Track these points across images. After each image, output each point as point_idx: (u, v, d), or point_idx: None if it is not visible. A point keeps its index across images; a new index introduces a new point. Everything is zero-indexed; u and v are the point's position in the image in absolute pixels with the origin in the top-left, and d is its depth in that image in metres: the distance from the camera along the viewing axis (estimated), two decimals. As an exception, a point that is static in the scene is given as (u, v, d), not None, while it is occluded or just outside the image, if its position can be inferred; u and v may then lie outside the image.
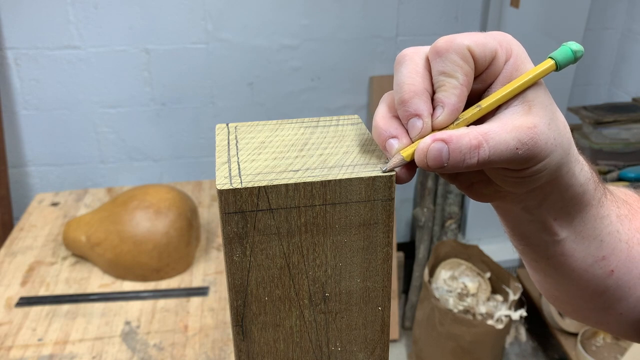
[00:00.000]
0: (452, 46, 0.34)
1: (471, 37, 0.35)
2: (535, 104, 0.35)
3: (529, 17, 1.85)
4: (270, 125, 0.41)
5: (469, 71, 0.35)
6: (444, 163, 0.34)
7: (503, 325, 1.74)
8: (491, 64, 0.35)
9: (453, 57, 0.34)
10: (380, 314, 0.38)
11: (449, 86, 0.34)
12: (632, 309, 0.48)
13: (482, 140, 0.33)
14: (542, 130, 0.34)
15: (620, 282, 0.46)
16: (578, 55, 0.37)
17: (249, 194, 0.33)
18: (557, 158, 0.36)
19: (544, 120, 0.35)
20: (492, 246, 2.11)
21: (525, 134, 0.34)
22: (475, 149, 0.33)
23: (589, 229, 0.43)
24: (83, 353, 1.06)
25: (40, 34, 1.77)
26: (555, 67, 0.37)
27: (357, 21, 1.92)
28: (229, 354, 1.07)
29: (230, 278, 0.35)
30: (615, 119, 1.75)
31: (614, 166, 1.75)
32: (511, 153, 0.34)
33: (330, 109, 2.04)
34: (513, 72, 0.36)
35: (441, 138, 0.33)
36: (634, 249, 0.46)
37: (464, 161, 0.33)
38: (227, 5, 1.82)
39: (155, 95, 1.91)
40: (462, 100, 0.35)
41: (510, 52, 0.36)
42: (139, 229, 1.22)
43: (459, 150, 0.33)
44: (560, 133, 0.36)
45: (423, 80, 0.35)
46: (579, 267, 0.45)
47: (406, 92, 0.35)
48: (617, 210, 0.46)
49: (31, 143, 1.92)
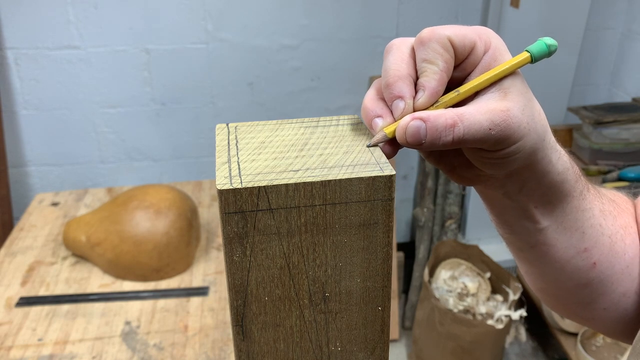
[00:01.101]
0: (434, 36, 0.37)
1: (452, 29, 0.37)
2: (511, 91, 0.38)
3: (529, 17, 1.85)
4: (270, 125, 0.41)
5: (448, 59, 0.37)
6: (421, 140, 0.36)
7: (503, 325, 1.74)
8: (470, 54, 0.38)
9: (434, 46, 0.37)
10: (380, 314, 0.38)
11: (430, 72, 0.37)
12: (615, 304, 0.50)
13: (457, 120, 0.36)
14: (515, 114, 0.37)
15: (602, 276, 0.48)
16: (552, 49, 0.39)
17: (249, 194, 0.33)
18: (530, 142, 0.38)
19: (517, 105, 0.37)
20: (492, 246, 2.11)
21: (498, 116, 0.36)
22: (450, 128, 0.36)
23: (570, 220, 0.45)
24: (83, 353, 1.06)
25: (40, 34, 1.77)
26: (530, 59, 0.39)
27: (357, 21, 1.92)
28: (229, 354, 1.07)
29: (230, 278, 0.35)
30: (615, 119, 1.75)
31: (614, 166, 1.75)
32: (484, 133, 0.36)
33: (330, 109, 2.04)
34: (491, 62, 0.38)
35: (419, 117, 0.36)
36: (617, 244, 0.48)
37: (440, 138, 0.36)
38: (227, 5, 1.82)
39: (155, 95, 1.91)
40: (441, 84, 0.38)
41: (489, 44, 0.39)
42: (139, 229, 1.22)
43: (435, 128, 0.36)
44: (535, 119, 0.38)
45: (407, 67, 0.38)
46: (561, 257, 0.46)
47: (391, 77, 0.38)
48: (600, 206, 0.47)
49: (31, 143, 1.92)
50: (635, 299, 0.50)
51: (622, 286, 0.49)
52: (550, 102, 2.03)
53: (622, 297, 0.49)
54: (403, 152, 2.19)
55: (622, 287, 0.49)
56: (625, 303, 0.50)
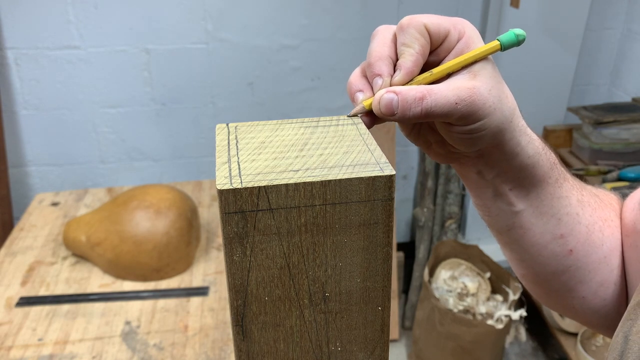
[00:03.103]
0: (412, 23, 0.42)
1: (429, 17, 0.42)
2: (480, 74, 0.41)
3: (529, 17, 1.85)
4: (270, 125, 0.41)
5: (424, 43, 0.42)
6: (394, 110, 0.40)
7: (503, 325, 1.74)
8: (444, 40, 0.42)
9: (412, 31, 0.42)
10: (380, 314, 0.38)
11: (407, 54, 0.42)
12: (593, 293, 0.52)
13: (426, 93, 0.40)
14: (481, 92, 0.40)
15: (579, 264, 0.50)
16: (520, 38, 0.43)
17: (249, 194, 0.33)
18: (495, 121, 0.41)
19: (485, 85, 0.41)
20: (492, 246, 2.10)
21: (464, 92, 0.40)
22: (419, 100, 0.39)
23: (545, 205, 0.48)
24: (83, 353, 1.06)
25: (40, 34, 1.77)
26: (500, 47, 0.43)
27: (357, 21, 1.92)
28: (229, 354, 1.07)
29: (230, 278, 0.35)
30: (615, 119, 1.75)
31: (614, 166, 1.75)
32: (451, 107, 0.40)
33: (330, 109, 2.04)
34: (464, 48, 0.42)
35: (393, 90, 0.40)
36: (594, 234, 0.50)
37: (410, 109, 0.40)
38: (227, 5, 1.82)
39: (155, 95, 1.91)
40: (416, 65, 0.42)
41: (463, 33, 0.43)
42: (139, 229, 1.22)
43: (405, 100, 0.40)
44: (501, 101, 0.42)
45: (388, 49, 0.43)
46: (537, 242, 0.49)
47: (373, 57, 0.43)
48: (579, 196, 0.50)
49: (31, 143, 1.92)
50: (613, 290, 0.52)
51: (599, 275, 0.51)
52: (550, 102, 2.03)
53: (599, 286, 0.51)
54: (403, 152, 2.19)
55: (599, 277, 0.51)
56: (604, 293, 0.52)
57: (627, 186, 1.61)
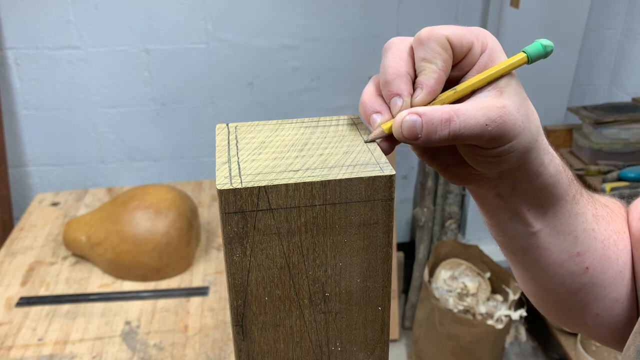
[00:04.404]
0: (432, 35, 0.38)
1: (450, 29, 0.38)
2: (507, 90, 0.38)
3: (529, 17, 1.85)
4: (270, 125, 0.41)
5: (447, 58, 0.38)
6: (417, 134, 0.36)
7: (503, 325, 1.74)
8: (467, 54, 0.39)
9: (433, 45, 0.37)
10: (380, 314, 0.38)
11: (429, 70, 0.38)
12: (608, 310, 0.49)
13: (453, 115, 0.36)
14: (511, 111, 0.37)
15: (595, 281, 0.48)
16: (548, 49, 0.40)
17: (249, 194, 0.33)
18: (524, 142, 0.38)
19: (513, 103, 0.38)
20: (492, 246, 2.10)
21: (494, 112, 0.37)
22: (446, 122, 0.36)
23: (563, 223, 0.45)
24: (83, 353, 1.06)
25: (40, 34, 1.77)
26: (527, 59, 0.39)
27: (357, 21, 1.92)
28: (229, 354, 1.07)
29: (230, 278, 0.35)
30: (615, 119, 1.75)
31: (614, 166, 1.75)
32: (480, 128, 0.36)
33: (330, 109, 2.04)
34: (488, 62, 0.39)
35: (416, 111, 0.37)
36: (609, 249, 0.48)
37: (435, 133, 0.36)
38: (227, 5, 1.82)
39: (155, 95, 1.91)
40: (439, 83, 0.38)
41: (486, 45, 0.39)
42: (139, 229, 1.22)
43: (431, 122, 0.36)
44: (529, 119, 0.39)
45: (406, 65, 0.39)
46: (554, 261, 0.46)
47: (390, 74, 0.38)
48: (593, 210, 0.47)
49: (31, 143, 1.92)
50: (627, 305, 0.50)
51: (615, 291, 0.49)
52: (550, 102, 2.03)
53: (614, 302, 0.49)
54: (403, 152, 2.19)
55: (615, 293, 0.49)
56: (618, 309, 0.49)
57: (627, 186, 1.61)
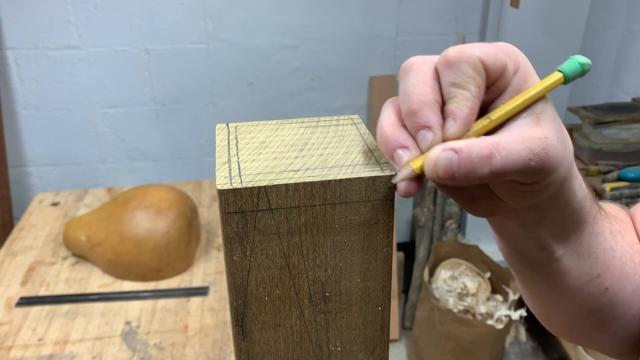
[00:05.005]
0: (463, 57, 0.33)
1: (481, 48, 0.34)
2: (544, 117, 0.34)
3: (529, 17, 1.85)
4: (270, 125, 0.41)
5: (480, 83, 0.34)
6: (454, 173, 0.32)
7: (503, 325, 1.74)
8: (500, 76, 0.34)
9: (465, 68, 0.33)
10: (380, 314, 0.38)
11: (461, 97, 0.33)
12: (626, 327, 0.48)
13: (494, 150, 0.32)
14: (552, 142, 0.33)
15: (614, 300, 0.46)
16: (586, 68, 0.36)
17: (249, 194, 0.33)
18: (564, 173, 0.35)
19: (553, 132, 0.34)
20: (492, 246, 2.10)
21: (536, 145, 0.33)
22: (487, 159, 0.32)
23: (584, 246, 0.42)
24: (83, 353, 1.06)
25: (40, 34, 1.77)
26: (563, 79, 0.36)
27: (357, 21, 1.92)
28: (229, 354, 1.07)
29: (230, 278, 0.35)
30: (615, 119, 1.75)
31: (614, 166, 1.75)
32: (524, 164, 0.32)
33: (330, 109, 2.04)
34: (521, 84, 0.35)
35: (451, 147, 0.32)
36: (627, 265, 0.46)
37: (475, 171, 0.32)
38: (227, 5, 1.82)
39: (155, 95, 1.91)
40: (474, 112, 0.34)
41: (518, 64, 0.35)
42: (139, 229, 1.22)
43: (469, 159, 0.32)
44: (567, 147, 0.35)
45: (432, 91, 0.34)
46: (574, 285, 0.44)
47: (415, 103, 0.33)
48: (610, 227, 0.45)
49: (31, 143, 1.92)
50: None
51: (633, 308, 0.47)
52: (550, 102, 2.02)
53: (632, 319, 0.47)
54: (403, 152, 2.19)
55: (633, 309, 0.47)
56: (636, 325, 0.47)
57: (627, 186, 1.61)
